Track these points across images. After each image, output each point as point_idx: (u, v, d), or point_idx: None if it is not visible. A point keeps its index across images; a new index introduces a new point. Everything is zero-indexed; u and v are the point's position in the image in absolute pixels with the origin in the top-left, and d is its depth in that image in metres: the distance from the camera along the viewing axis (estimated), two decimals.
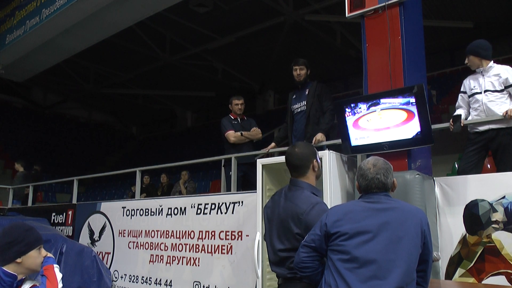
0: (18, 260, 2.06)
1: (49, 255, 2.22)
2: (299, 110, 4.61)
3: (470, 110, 3.78)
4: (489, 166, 4.46)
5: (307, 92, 4.55)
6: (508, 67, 3.64)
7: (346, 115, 3.34)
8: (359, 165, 2.19)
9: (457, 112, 3.79)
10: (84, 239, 6.29)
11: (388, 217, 1.96)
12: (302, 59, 4.63)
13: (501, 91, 3.58)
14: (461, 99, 3.85)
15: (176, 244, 4.93)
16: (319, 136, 4.21)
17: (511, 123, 3.48)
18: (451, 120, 3.51)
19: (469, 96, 3.77)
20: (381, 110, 3.18)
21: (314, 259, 2.08)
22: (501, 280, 2.78)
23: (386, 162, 2.15)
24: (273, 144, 4.82)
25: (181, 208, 4.98)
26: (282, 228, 2.42)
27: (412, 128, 3.06)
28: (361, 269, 1.87)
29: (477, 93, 3.69)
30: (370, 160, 2.16)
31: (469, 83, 3.78)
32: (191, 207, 4.85)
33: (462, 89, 3.86)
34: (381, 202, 2.04)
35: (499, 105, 3.56)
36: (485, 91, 3.63)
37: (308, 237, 2.11)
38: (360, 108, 3.27)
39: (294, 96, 4.70)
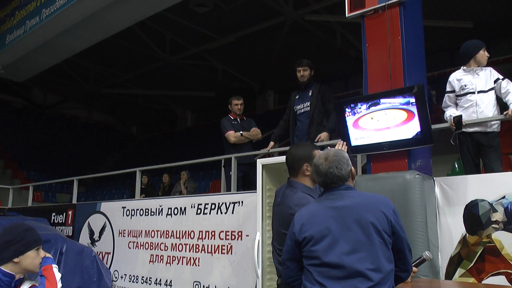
0: (16, 259, 2.06)
1: (48, 255, 2.22)
2: (302, 111, 4.61)
3: (459, 109, 3.72)
4: None
5: (310, 93, 4.55)
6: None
7: (346, 115, 3.34)
8: (313, 161, 2.13)
9: (451, 111, 3.73)
10: (84, 239, 6.29)
11: (350, 213, 1.89)
12: (306, 60, 4.61)
13: (489, 90, 3.59)
14: (448, 99, 3.80)
15: (176, 244, 4.94)
16: (324, 135, 4.21)
17: (496, 128, 3.53)
18: (452, 121, 3.47)
19: (459, 96, 3.72)
20: (381, 110, 3.18)
21: (297, 271, 2.02)
22: (501, 280, 2.78)
23: (338, 153, 2.05)
24: (272, 143, 4.83)
25: (181, 208, 4.98)
26: (278, 229, 2.44)
27: (412, 128, 3.06)
28: (334, 271, 1.83)
29: (470, 92, 3.65)
30: (322, 153, 2.08)
31: (458, 82, 3.72)
32: (191, 207, 4.85)
33: (449, 89, 3.80)
34: (342, 197, 1.97)
35: (490, 106, 3.57)
36: (479, 91, 3.61)
37: (284, 250, 2.07)
38: (360, 108, 3.27)
39: (297, 97, 4.70)
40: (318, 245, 1.88)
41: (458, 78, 3.73)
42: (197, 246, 4.68)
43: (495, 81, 3.58)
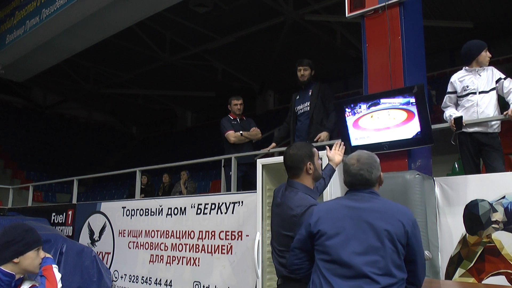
0: (16, 260, 2.05)
1: (48, 255, 2.22)
2: (302, 111, 4.61)
3: (459, 109, 3.71)
4: None
5: (310, 93, 4.55)
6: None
7: (346, 115, 3.34)
8: (344, 160, 2.15)
9: (451, 111, 3.71)
10: (84, 239, 6.28)
11: (368, 217, 1.90)
12: (306, 59, 4.60)
13: (491, 90, 3.58)
14: (449, 99, 3.79)
15: (176, 244, 4.93)
16: (324, 135, 4.21)
17: (496, 129, 3.52)
18: (452, 121, 3.45)
19: (460, 96, 3.70)
20: (381, 110, 3.18)
21: (304, 260, 2.06)
22: (501, 280, 2.78)
23: (370, 156, 2.08)
24: (273, 144, 4.83)
25: (181, 208, 4.98)
26: (278, 229, 2.44)
27: (412, 128, 3.06)
28: (342, 269, 1.85)
29: (471, 93, 3.64)
30: (354, 154, 2.10)
31: (460, 83, 3.70)
32: (191, 207, 4.85)
33: (450, 90, 3.78)
34: (364, 200, 1.98)
35: (491, 107, 3.56)
36: (480, 92, 3.60)
37: (296, 238, 2.09)
38: (360, 108, 3.27)
39: (298, 97, 4.70)
40: (330, 240, 1.91)
41: (460, 79, 3.71)
42: (197, 246, 4.68)
43: (497, 81, 3.57)
